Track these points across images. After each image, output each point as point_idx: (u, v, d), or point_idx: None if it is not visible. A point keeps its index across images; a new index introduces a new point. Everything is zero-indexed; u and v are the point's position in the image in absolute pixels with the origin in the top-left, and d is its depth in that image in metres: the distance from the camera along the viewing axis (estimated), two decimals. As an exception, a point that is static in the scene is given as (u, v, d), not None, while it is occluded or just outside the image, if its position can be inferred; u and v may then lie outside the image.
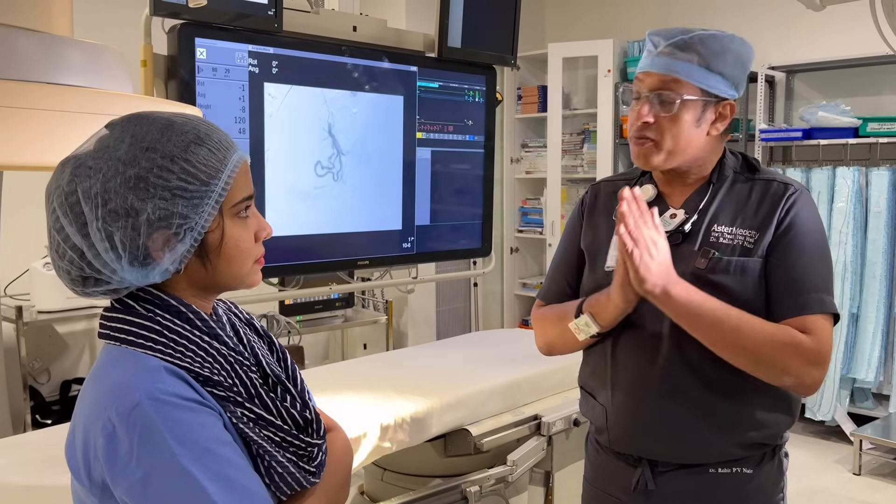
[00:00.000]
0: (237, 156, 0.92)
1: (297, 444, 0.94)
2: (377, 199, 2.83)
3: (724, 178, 1.39)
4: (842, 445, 3.96)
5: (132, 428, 0.81)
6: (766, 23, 4.61)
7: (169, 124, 0.89)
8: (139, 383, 0.83)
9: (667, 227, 1.36)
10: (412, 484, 2.04)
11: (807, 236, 1.32)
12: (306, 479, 0.95)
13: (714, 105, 1.34)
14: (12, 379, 2.91)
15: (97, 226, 0.85)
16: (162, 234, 0.86)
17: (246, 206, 0.93)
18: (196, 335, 0.89)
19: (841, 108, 4.08)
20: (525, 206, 5.53)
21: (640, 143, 1.36)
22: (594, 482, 1.51)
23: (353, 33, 2.71)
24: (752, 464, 1.36)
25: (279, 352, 1.05)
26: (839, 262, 4.03)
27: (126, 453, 0.80)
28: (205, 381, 0.88)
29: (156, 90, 2.29)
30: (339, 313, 4.01)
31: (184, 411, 0.83)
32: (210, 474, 0.81)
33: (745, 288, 1.31)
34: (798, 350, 1.25)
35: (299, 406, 0.97)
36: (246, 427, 0.89)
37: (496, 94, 3.12)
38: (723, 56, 1.32)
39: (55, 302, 3.28)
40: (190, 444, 0.81)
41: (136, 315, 0.89)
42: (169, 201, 0.86)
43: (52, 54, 1.44)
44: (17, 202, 2.90)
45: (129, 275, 0.87)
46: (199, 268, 0.91)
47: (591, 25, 5.34)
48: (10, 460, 1.55)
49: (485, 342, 2.74)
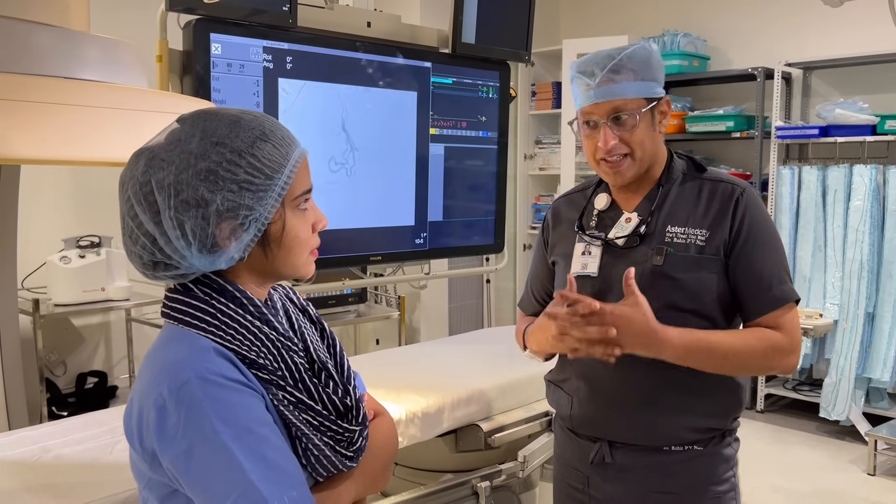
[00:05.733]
0: (298, 151, 0.97)
1: (335, 430, 0.97)
2: (390, 194, 2.83)
3: (673, 179, 1.50)
4: (856, 445, 3.93)
5: (180, 404, 0.86)
6: (783, 19, 4.57)
7: (237, 120, 0.94)
8: (190, 362, 0.89)
9: (623, 232, 1.49)
10: (423, 479, 2.05)
11: (761, 233, 1.43)
12: (343, 462, 0.98)
13: (657, 105, 1.46)
14: (29, 371, 2.94)
15: (169, 214, 0.90)
16: (229, 224, 0.91)
17: (305, 198, 0.98)
18: (247, 319, 0.94)
19: (858, 105, 4.04)
20: (538, 202, 5.51)
21: (615, 165, 1.45)
22: (561, 458, 1.64)
23: (367, 29, 2.71)
24: (703, 443, 1.47)
25: (329, 338, 1.09)
26: (855, 260, 3.99)
27: (173, 426, 0.86)
28: (250, 363, 0.92)
29: (171, 85, 2.31)
30: (352, 308, 4.02)
31: (228, 391, 0.88)
32: (248, 452, 0.86)
33: (700, 282, 1.42)
34: (776, 350, 1.40)
35: (341, 392, 1.00)
36: (286, 410, 0.93)
37: (510, 90, 3.12)
38: (648, 64, 1.44)
39: (71, 295, 3.31)
40: (231, 423, 0.86)
41: (194, 297, 0.95)
42: (236, 193, 0.91)
43: (69, 49, 1.45)
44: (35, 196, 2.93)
45: (197, 261, 0.92)
46: (261, 256, 0.96)
47: (606, 21, 5.32)
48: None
49: (496, 338, 2.74)
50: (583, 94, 1.46)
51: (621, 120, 1.42)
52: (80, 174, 3.68)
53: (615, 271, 1.46)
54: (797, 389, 4.42)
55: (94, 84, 1.45)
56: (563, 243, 1.58)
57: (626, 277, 1.35)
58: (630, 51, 1.43)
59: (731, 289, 1.43)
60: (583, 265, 1.50)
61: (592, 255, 1.50)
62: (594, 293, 1.47)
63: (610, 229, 1.51)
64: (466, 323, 5.12)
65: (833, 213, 4.11)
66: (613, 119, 1.42)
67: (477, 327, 5.12)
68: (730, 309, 1.45)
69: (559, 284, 1.57)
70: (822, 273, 4.17)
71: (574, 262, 1.52)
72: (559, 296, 1.35)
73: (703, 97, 4.91)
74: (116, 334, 3.94)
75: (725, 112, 4.52)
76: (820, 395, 4.16)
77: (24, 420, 2.31)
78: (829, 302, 4.12)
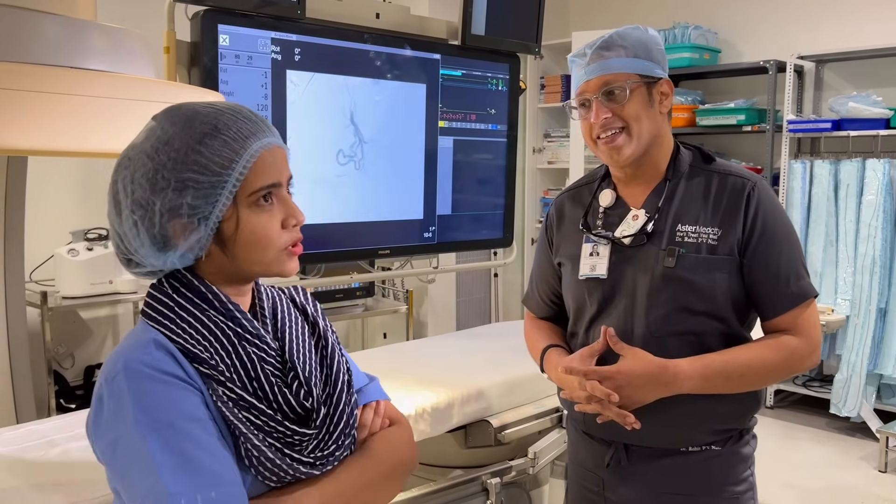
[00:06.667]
0: (259, 144, 0.92)
1: (282, 431, 0.93)
2: (399, 187, 2.81)
3: (680, 172, 1.46)
4: (867, 442, 3.89)
5: (111, 395, 0.86)
6: (795, 11, 4.52)
7: (193, 116, 0.92)
8: (124, 353, 0.89)
9: (630, 230, 1.44)
10: (432, 475, 2.03)
11: (776, 229, 1.39)
12: (294, 467, 0.92)
13: (654, 85, 1.42)
14: (37, 364, 2.94)
15: (126, 214, 0.92)
16: (178, 223, 0.91)
17: (266, 194, 0.93)
18: (205, 314, 0.93)
19: (872, 98, 4.00)
20: (547, 196, 5.48)
21: (610, 140, 1.41)
22: (575, 459, 1.60)
23: (376, 20, 2.69)
24: (721, 443, 1.43)
25: (323, 339, 1.05)
26: (867, 255, 3.95)
27: (105, 418, 0.87)
28: (193, 357, 0.90)
29: (178, 77, 2.29)
30: (360, 302, 4.00)
31: (155, 384, 0.86)
32: (165, 447, 0.83)
33: (714, 283, 1.37)
34: (795, 356, 1.37)
35: (303, 394, 0.96)
36: (224, 407, 0.90)
37: (520, 82, 3.09)
38: (642, 44, 1.41)
39: (79, 288, 3.31)
40: (151, 415, 0.84)
41: (160, 293, 0.95)
42: (179, 193, 0.89)
43: (76, 39, 1.43)
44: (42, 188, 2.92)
45: (152, 258, 0.93)
46: (221, 255, 0.94)
47: (616, 14, 5.27)
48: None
49: (506, 333, 2.72)
50: (577, 77, 1.45)
51: (613, 94, 1.39)
52: (88, 166, 3.67)
53: (625, 273, 1.43)
54: (807, 385, 4.39)
55: (101, 74, 1.43)
56: (569, 243, 1.54)
57: (608, 337, 1.35)
58: (622, 30, 1.42)
59: (747, 288, 1.39)
60: (591, 267, 1.46)
61: (601, 256, 1.46)
62: (603, 296, 1.45)
63: (616, 227, 1.46)
64: (474, 317, 5.10)
65: (845, 208, 4.07)
66: (605, 94, 1.40)
67: (484, 322, 5.10)
68: (743, 308, 1.41)
69: (568, 287, 1.53)
70: (834, 268, 4.14)
71: (582, 264, 1.48)
72: (571, 369, 1.36)
73: (714, 90, 4.86)
74: (124, 327, 3.94)
75: (736, 105, 4.48)
76: (830, 392, 4.13)
77: (31, 413, 2.31)
78: (841, 298, 4.09)
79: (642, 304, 1.40)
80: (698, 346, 1.37)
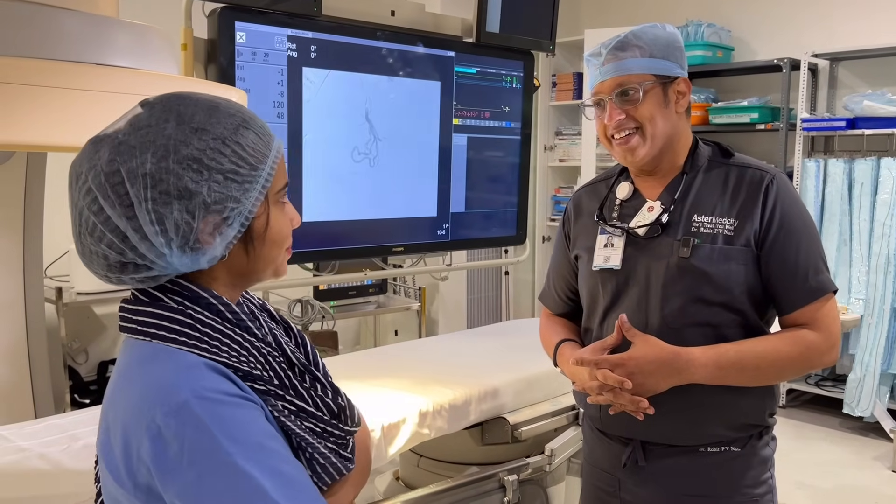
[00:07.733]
0: (278, 142, 0.90)
1: (337, 434, 0.93)
2: (413, 185, 2.81)
3: (698, 166, 1.45)
4: (881, 442, 3.88)
5: (181, 428, 0.77)
6: (809, 9, 4.50)
7: (214, 106, 0.86)
8: (182, 382, 0.79)
9: (645, 221, 1.43)
10: (448, 471, 2.03)
11: (794, 222, 1.37)
12: (345, 466, 0.94)
13: (670, 84, 1.41)
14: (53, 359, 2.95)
15: (147, 207, 0.80)
16: (213, 219, 0.83)
17: (285, 192, 0.93)
18: (228, 328, 0.86)
19: (887, 97, 3.97)
20: (558, 194, 5.47)
21: (624, 141, 1.41)
22: (590, 459, 1.59)
23: (391, 18, 2.69)
24: (741, 443, 1.41)
25: (297, 336, 1.01)
26: (881, 255, 3.93)
27: (176, 455, 0.76)
28: (244, 375, 0.85)
29: (195, 74, 2.30)
30: (372, 299, 4.01)
31: (231, 408, 0.80)
32: (265, 470, 0.78)
33: (729, 274, 1.36)
34: (813, 350, 1.35)
35: (331, 394, 0.95)
36: (287, 420, 0.87)
37: (534, 80, 3.08)
38: (658, 43, 1.40)
39: (94, 283, 3.32)
40: (242, 441, 0.78)
41: (166, 308, 0.85)
42: (222, 184, 0.82)
43: (97, 35, 1.44)
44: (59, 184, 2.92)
45: (177, 260, 0.83)
46: (241, 255, 0.88)
47: (629, 11, 5.26)
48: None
49: (520, 331, 2.72)
50: (592, 76, 1.44)
51: (627, 95, 1.38)
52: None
53: (639, 264, 1.42)
54: (820, 385, 4.37)
55: (123, 70, 1.43)
56: (585, 236, 1.53)
57: (621, 323, 1.34)
58: (638, 29, 1.41)
59: (764, 282, 1.37)
60: (605, 258, 1.45)
61: (615, 247, 1.45)
62: (616, 287, 1.44)
63: (632, 219, 1.46)
64: (485, 315, 5.11)
65: (859, 207, 4.04)
66: (619, 95, 1.39)
67: (495, 320, 5.10)
68: (761, 301, 1.39)
69: (583, 279, 1.53)
70: (848, 268, 4.11)
71: (596, 255, 1.47)
72: (582, 359, 1.36)
73: (727, 88, 4.84)
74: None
75: (750, 104, 4.46)
76: (843, 391, 4.11)
77: (50, 408, 2.32)
78: (855, 297, 4.07)
79: (657, 295, 1.39)
80: (715, 338, 1.36)
